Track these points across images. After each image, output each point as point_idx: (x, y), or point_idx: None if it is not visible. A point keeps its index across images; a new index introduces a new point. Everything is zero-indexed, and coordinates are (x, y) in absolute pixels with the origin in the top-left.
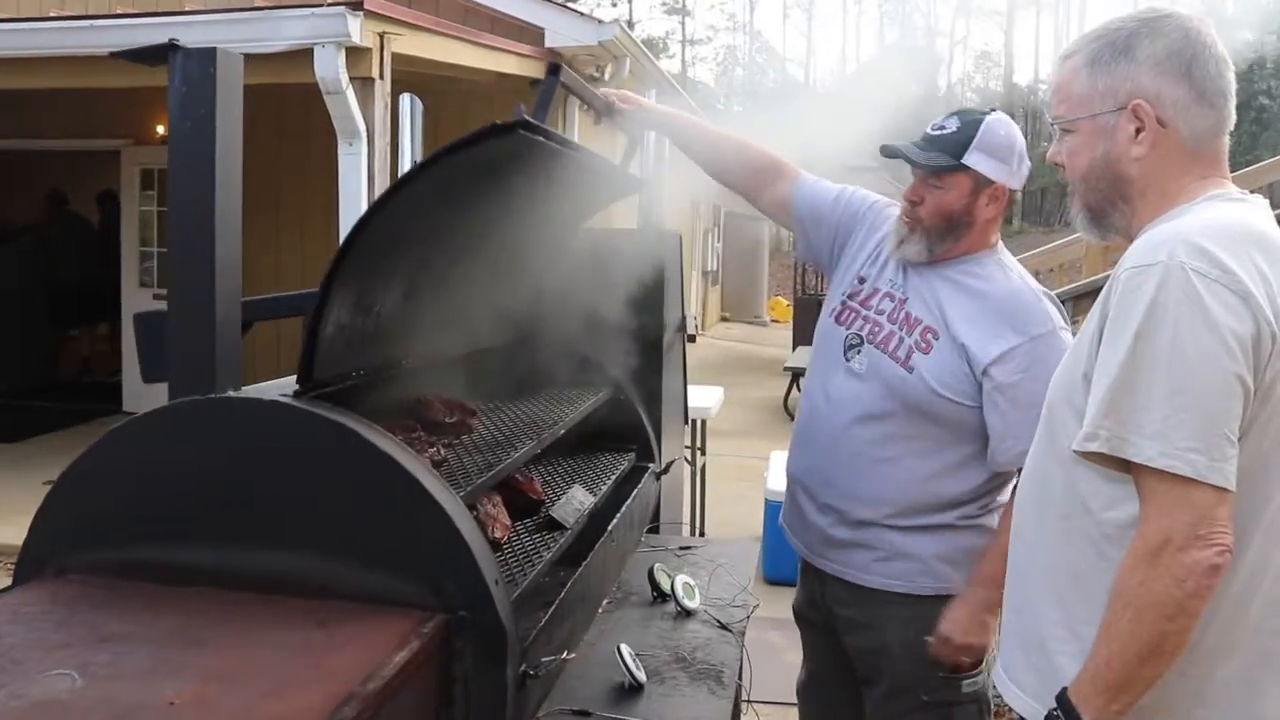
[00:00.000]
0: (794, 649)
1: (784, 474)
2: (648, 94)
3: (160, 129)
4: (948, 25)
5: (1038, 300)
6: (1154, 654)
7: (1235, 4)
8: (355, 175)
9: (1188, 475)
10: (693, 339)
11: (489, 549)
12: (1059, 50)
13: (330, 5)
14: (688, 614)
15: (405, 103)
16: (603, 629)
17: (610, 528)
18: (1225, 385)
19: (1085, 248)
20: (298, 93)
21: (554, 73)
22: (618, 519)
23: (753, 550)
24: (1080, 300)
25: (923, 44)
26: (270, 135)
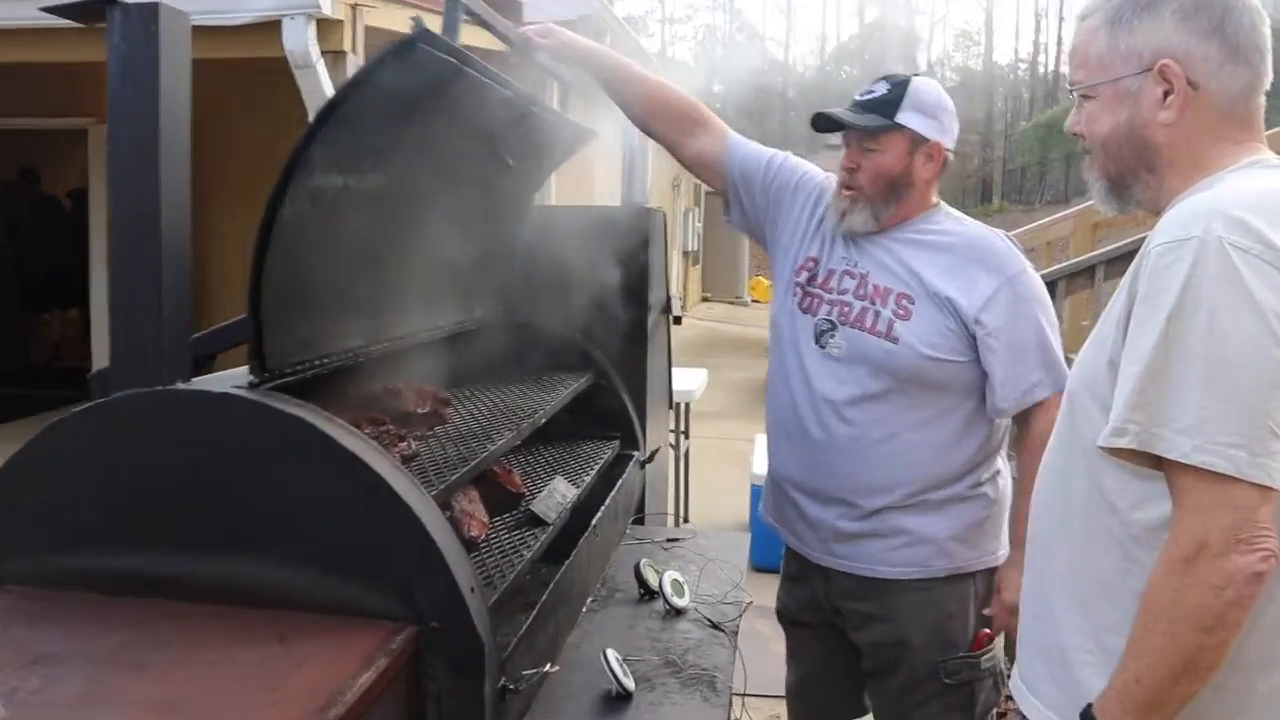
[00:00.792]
0: (784, 640)
1: (767, 473)
2: None
3: None
4: (928, 3)
5: (1002, 241)
6: (1189, 670)
7: None
8: None
9: (1227, 473)
10: (679, 320)
11: (463, 552)
12: (1047, 23)
13: None
14: (677, 613)
15: None
16: (587, 630)
17: (594, 522)
18: (1269, 372)
19: (1073, 225)
20: (267, 68)
21: None
22: (602, 512)
23: (743, 541)
24: (1073, 279)
25: (903, 22)
26: (240, 111)
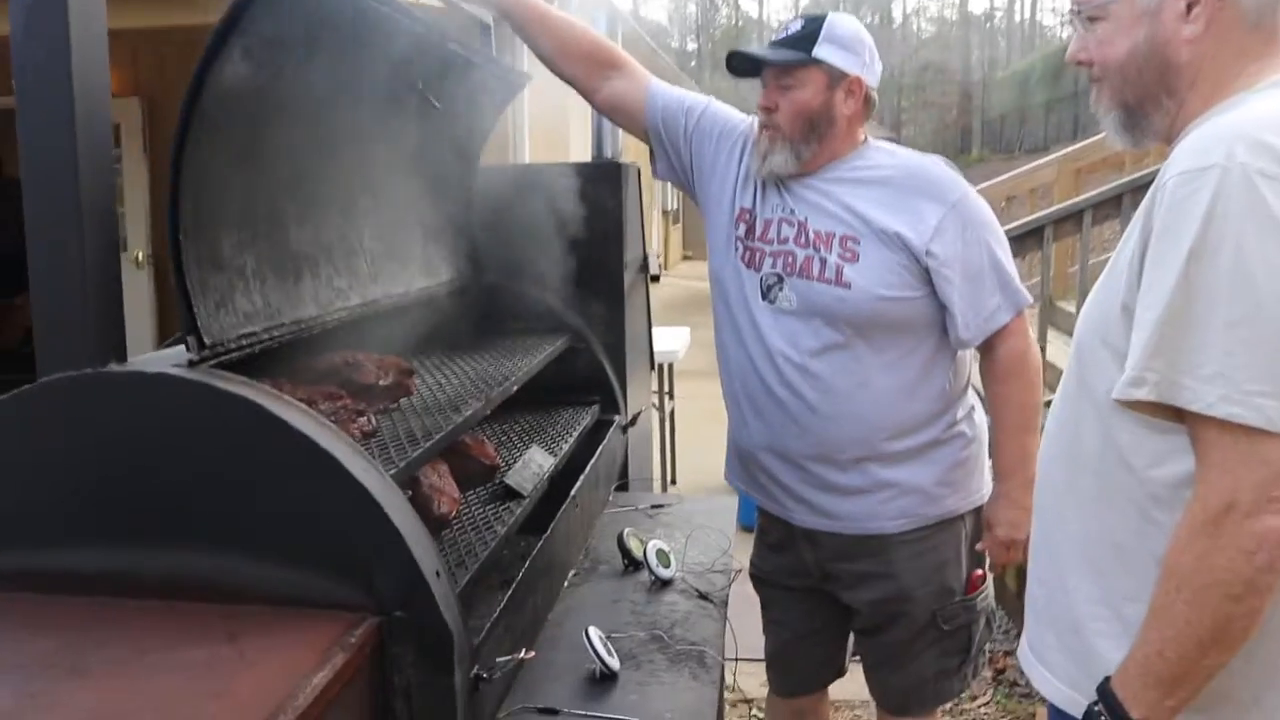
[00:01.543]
0: None
1: (729, 442)
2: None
3: None
4: None
5: (940, 167)
6: (1217, 640)
7: None
8: None
9: (1255, 425)
10: (656, 279)
11: (427, 535)
12: None
13: None
14: (663, 584)
15: None
16: (570, 605)
17: (574, 492)
18: None
19: (1056, 170)
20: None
21: None
22: (582, 481)
23: (729, 504)
24: (1060, 224)
25: None
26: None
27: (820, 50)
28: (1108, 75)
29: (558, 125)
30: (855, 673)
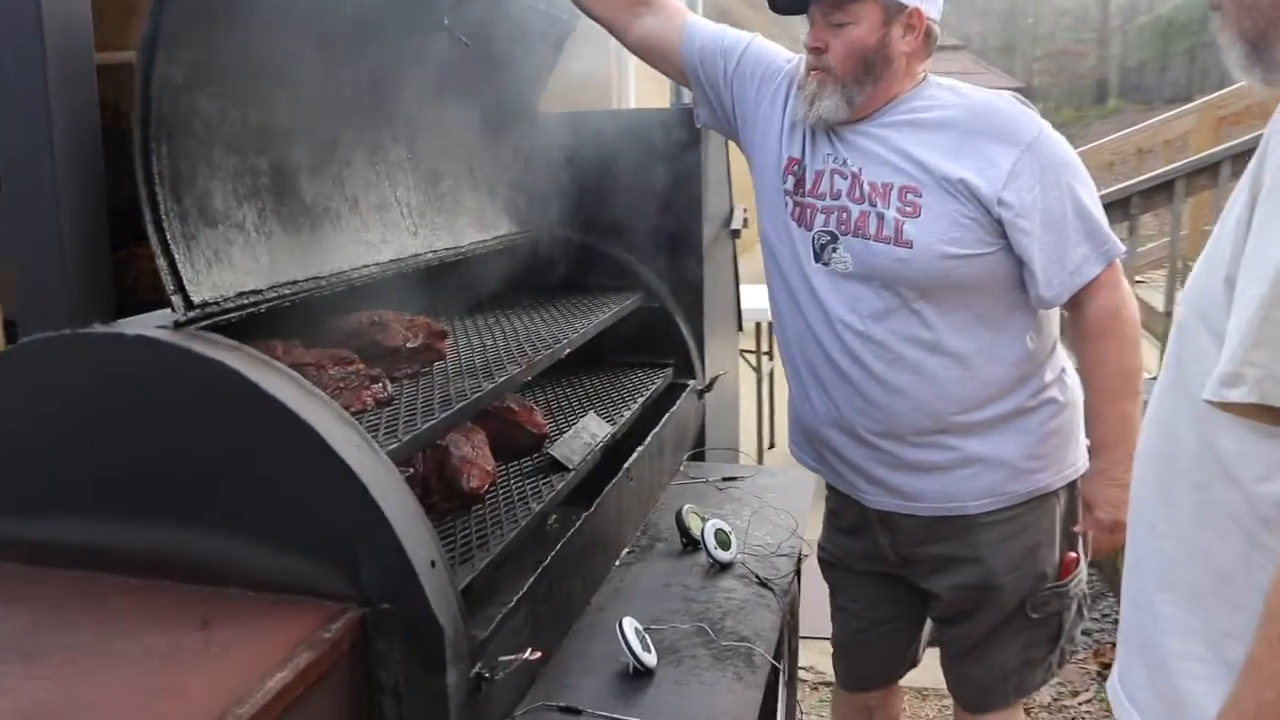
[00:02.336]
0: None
1: (790, 416)
2: None
3: None
4: None
5: (1011, 104)
6: None
7: None
8: None
9: None
10: (736, 234)
11: (423, 519)
12: None
13: None
14: (721, 567)
15: None
16: (617, 588)
17: (627, 465)
18: None
19: (1196, 119)
20: None
21: None
22: (640, 452)
23: (808, 478)
24: (1193, 178)
25: None
26: None
27: None
28: (1224, 2)
29: None
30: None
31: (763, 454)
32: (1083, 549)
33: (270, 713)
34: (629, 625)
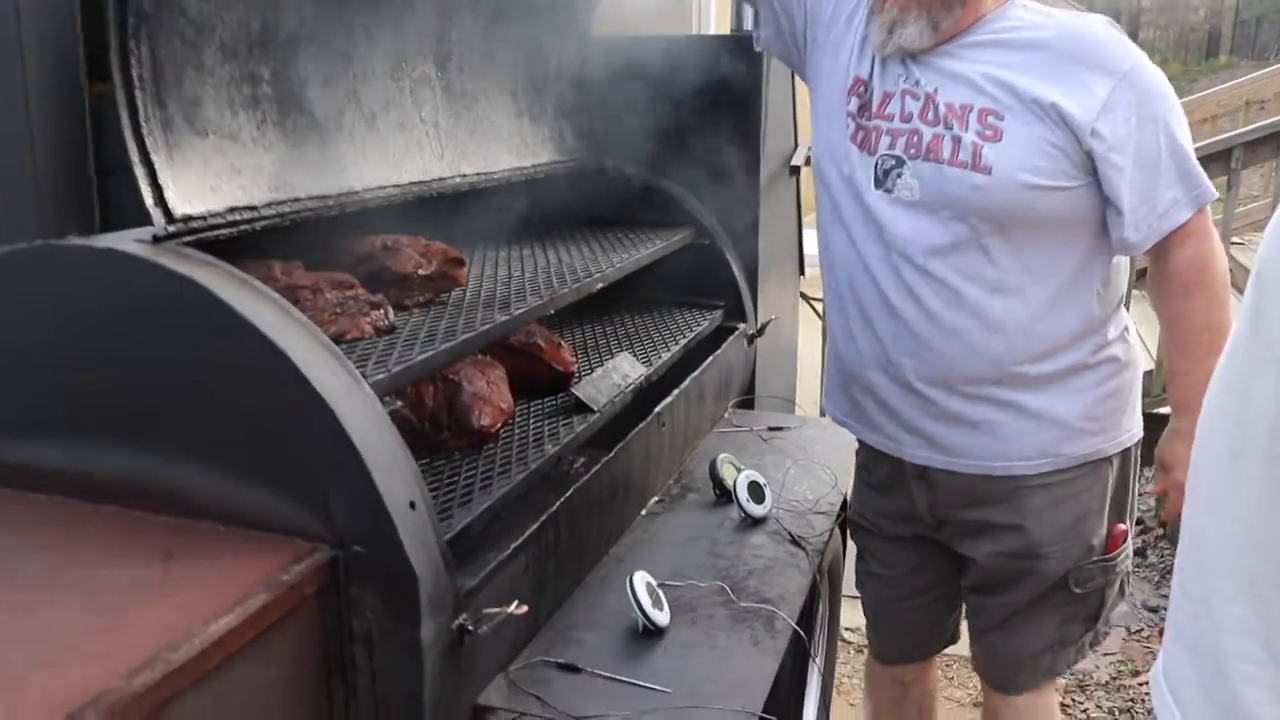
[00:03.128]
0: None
1: (829, 360)
2: None
3: None
4: None
5: (1105, 29)
6: None
7: None
8: None
9: None
10: (796, 171)
11: (404, 457)
12: None
13: None
14: (754, 522)
15: None
16: (639, 538)
17: (659, 410)
18: None
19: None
20: None
21: None
22: (675, 396)
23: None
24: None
25: None
26: None
27: None
28: None
29: None
30: None
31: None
32: (1130, 521)
33: (210, 658)
34: (640, 580)
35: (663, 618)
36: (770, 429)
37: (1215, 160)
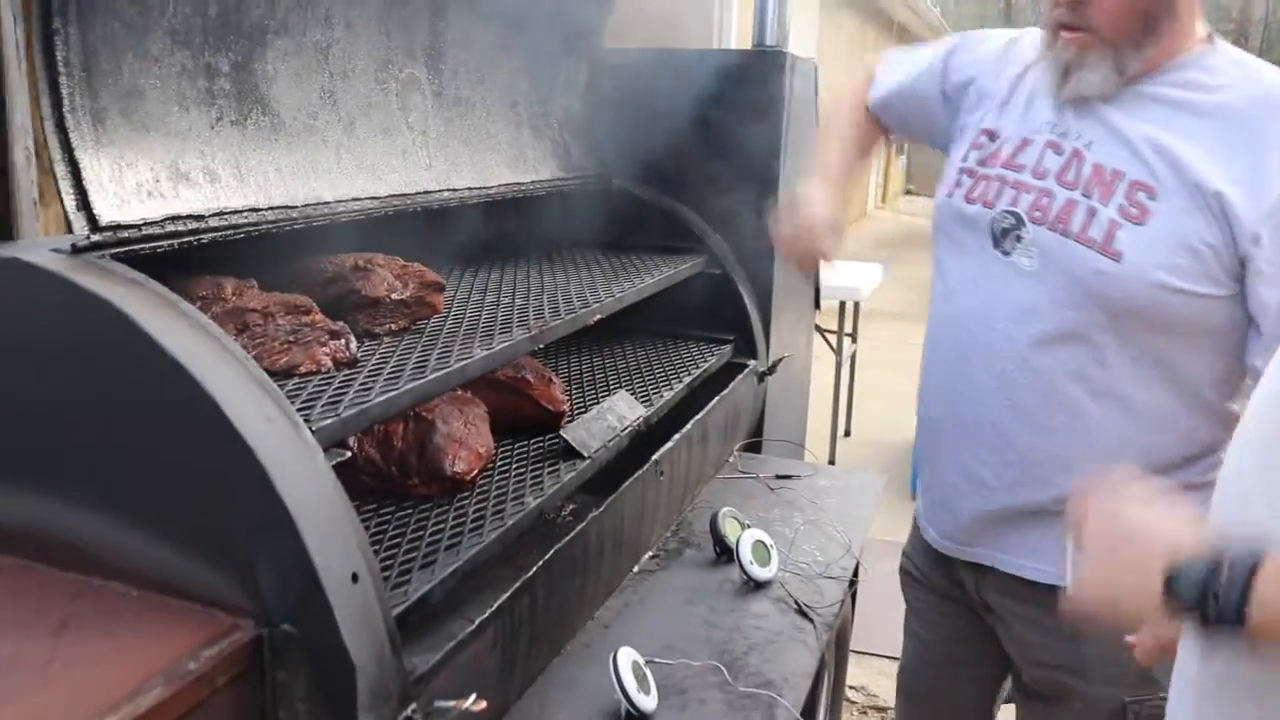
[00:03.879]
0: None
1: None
2: None
3: None
4: None
5: None
6: None
7: None
8: None
9: None
10: None
11: (348, 519)
12: None
13: None
14: (757, 586)
15: None
16: (629, 601)
17: (657, 457)
18: None
19: None
20: None
21: None
22: (675, 441)
23: (875, 483)
24: None
25: None
26: None
27: None
28: None
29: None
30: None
31: (836, 446)
32: None
33: None
34: (625, 659)
35: (649, 703)
36: (778, 477)
37: None
